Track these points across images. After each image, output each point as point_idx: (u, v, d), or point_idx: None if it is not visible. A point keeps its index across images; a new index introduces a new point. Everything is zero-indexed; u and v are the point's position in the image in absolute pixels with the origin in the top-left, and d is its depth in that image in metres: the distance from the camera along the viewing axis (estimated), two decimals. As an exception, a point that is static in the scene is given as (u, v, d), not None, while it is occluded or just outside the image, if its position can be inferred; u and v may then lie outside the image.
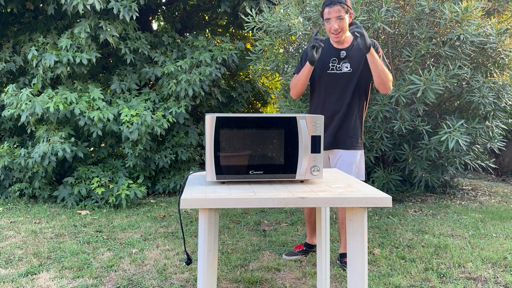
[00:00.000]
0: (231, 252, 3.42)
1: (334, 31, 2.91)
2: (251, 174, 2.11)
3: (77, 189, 4.82)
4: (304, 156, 2.11)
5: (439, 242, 3.61)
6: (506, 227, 4.10)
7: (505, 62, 4.57)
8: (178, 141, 5.60)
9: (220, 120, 2.06)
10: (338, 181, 2.21)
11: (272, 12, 4.89)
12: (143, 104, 5.17)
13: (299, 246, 3.38)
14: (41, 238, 3.77)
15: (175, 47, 5.96)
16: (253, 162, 2.13)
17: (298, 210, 4.69)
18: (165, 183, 5.44)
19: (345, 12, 2.88)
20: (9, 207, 4.85)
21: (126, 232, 3.96)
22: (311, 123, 2.11)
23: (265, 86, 7.55)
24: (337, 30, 2.90)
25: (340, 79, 3.00)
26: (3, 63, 5.34)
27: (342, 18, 2.88)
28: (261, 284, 2.86)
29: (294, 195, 1.85)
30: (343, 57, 2.99)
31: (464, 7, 4.15)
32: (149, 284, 2.85)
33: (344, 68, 2.99)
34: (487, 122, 4.83)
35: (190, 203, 1.82)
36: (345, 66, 2.99)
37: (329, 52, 3.03)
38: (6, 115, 4.89)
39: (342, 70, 3.00)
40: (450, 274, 2.99)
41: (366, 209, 1.90)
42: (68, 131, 4.99)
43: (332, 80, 3.01)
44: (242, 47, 5.95)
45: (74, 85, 5.29)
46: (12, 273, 3.01)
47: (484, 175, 7.06)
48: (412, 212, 4.62)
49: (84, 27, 4.97)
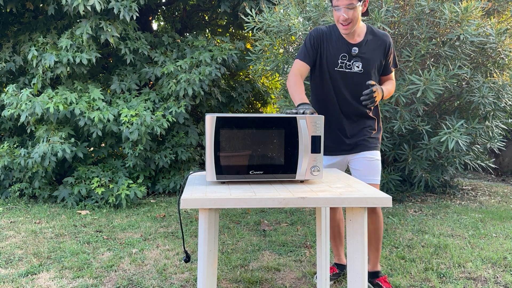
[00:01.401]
0: (231, 252, 3.42)
1: (342, 21, 2.50)
2: (251, 174, 2.11)
3: (77, 189, 4.82)
4: (304, 156, 2.11)
5: (439, 242, 3.61)
6: (506, 227, 4.10)
7: (505, 62, 4.57)
8: (178, 141, 5.60)
9: (220, 120, 2.06)
10: (338, 181, 2.21)
11: (272, 12, 4.89)
12: (143, 104, 5.18)
13: (332, 269, 2.98)
14: (41, 238, 3.77)
15: (175, 47, 5.96)
16: (253, 162, 2.13)
17: (298, 210, 4.69)
18: (165, 183, 5.44)
19: (357, 0, 2.46)
20: (9, 207, 4.85)
21: (126, 232, 3.96)
22: (311, 123, 2.11)
23: (265, 86, 7.55)
24: (346, 21, 2.49)
25: (350, 79, 2.62)
26: (3, 63, 5.34)
27: (353, 7, 2.46)
28: (261, 284, 2.86)
29: (294, 195, 1.85)
30: (354, 54, 2.59)
31: (464, 7, 4.15)
32: (149, 284, 2.85)
33: (354, 67, 2.61)
34: (487, 122, 4.83)
35: (190, 203, 1.82)
36: (356, 65, 2.61)
37: (339, 45, 2.61)
38: (6, 115, 4.89)
39: (352, 69, 2.62)
40: (450, 274, 3.00)
41: (366, 209, 1.90)
42: (68, 131, 4.99)
43: (340, 79, 2.63)
44: (242, 47, 5.95)
45: (74, 85, 5.30)
46: (12, 273, 3.01)
47: (484, 175, 7.06)
48: (412, 212, 4.62)
49: (85, 28, 4.98)
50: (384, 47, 2.64)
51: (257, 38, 5.09)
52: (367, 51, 2.61)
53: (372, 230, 2.74)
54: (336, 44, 2.61)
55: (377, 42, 2.62)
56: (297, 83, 2.57)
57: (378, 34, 2.64)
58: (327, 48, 2.62)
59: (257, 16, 4.90)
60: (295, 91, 2.52)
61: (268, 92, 7.49)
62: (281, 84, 5.34)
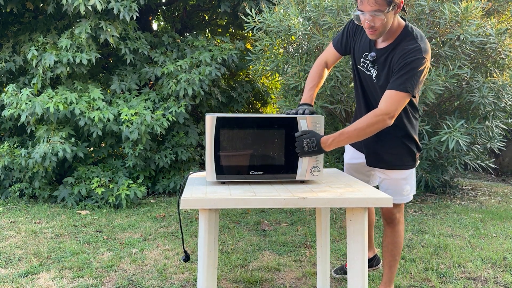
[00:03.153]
0: (231, 252, 3.42)
1: (367, 28, 2.18)
2: (251, 174, 2.11)
3: (77, 189, 4.82)
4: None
5: (439, 242, 3.61)
6: (506, 227, 4.10)
7: (505, 62, 4.57)
8: (178, 141, 5.60)
9: (221, 120, 2.06)
10: (338, 181, 2.21)
11: (272, 12, 4.89)
12: (143, 104, 5.18)
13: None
14: (41, 238, 3.77)
15: (175, 47, 5.96)
16: (254, 163, 2.13)
17: (298, 210, 4.69)
18: (165, 183, 5.44)
19: (386, 4, 2.06)
20: (9, 207, 4.85)
21: (126, 232, 3.96)
22: (311, 123, 2.11)
23: (265, 86, 7.55)
24: (372, 28, 2.15)
25: (369, 82, 2.38)
26: (3, 63, 5.34)
27: (378, 15, 2.09)
28: (261, 284, 2.86)
29: (295, 196, 1.85)
30: (371, 60, 2.32)
31: (464, 7, 4.15)
32: (149, 284, 2.85)
33: (372, 71, 2.35)
34: (487, 122, 4.83)
35: (190, 203, 1.82)
36: (372, 71, 2.34)
37: (365, 44, 2.35)
38: (6, 115, 4.89)
39: (370, 72, 2.36)
40: (450, 274, 3.00)
41: (366, 210, 1.90)
42: (68, 131, 4.99)
43: (363, 78, 2.42)
44: (242, 47, 5.95)
45: (74, 85, 5.29)
46: (12, 273, 3.01)
47: (484, 175, 7.06)
48: (412, 212, 4.62)
49: (85, 27, 4.98)
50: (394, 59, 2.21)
51: (257, 38, 5.09)
52: (385, 62, 2.25)
53: (386, 244, 2.53)
54: (364, 42, 2.35)
55: (399, 54, 2.18)
56: (312, 77, 2.47)
57: (406, 46, 2.18)
58: (358, 41, 2.38)
59: (257, 16, 4.90)
60: (305, 87, 2.47)
61: (268, 92, 7.49)
62: (281, 84, 5.34)
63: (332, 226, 4.13)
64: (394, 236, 2.49)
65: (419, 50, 2.13)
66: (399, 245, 2.51)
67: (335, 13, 4.47)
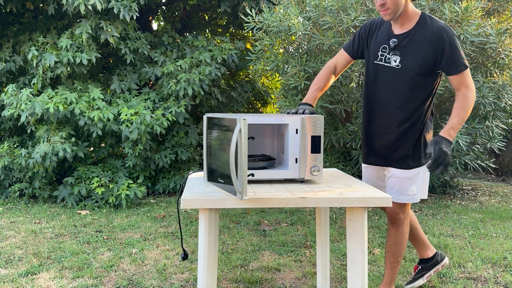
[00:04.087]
0: (231, 252, 3.42)
1: (379, 6, 2.21)
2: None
3: (77, 189, 4.82)
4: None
5: (439, 242, 3.61)
6: (506, 227, 4.10)
7: (505, 62, 4.57)
8: (178, 141, 5.60)
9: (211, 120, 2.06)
10: (338, 181, 2.21)
11: (272, 12, 4.89)
12: (143, 104, 5.18)
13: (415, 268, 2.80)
14: (41, 238, 3.77)
15: (175, 47, 5.96)
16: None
17: (298, 210, 4.69)
18: (165, 183, 5.44)
19: None
20: (9, 207, 4.85)
21: (126, 232, 3.96)
22: (311, 123, 2.11)
23: (265, 86, 7.55)
24: (383, 6, 2.19)
25: (388, 75, 2.33)
26: (3, 63, 5.34)
27: None
28: (261, 284, 2.86)
29: (295, 195, 1.85)
30: (393, 46, 2.29)
31: (464, 7, 4.15)
32: (149, 284, 2.85)
33: (392, 61, 2.29)
34: (487, 122, 4.83)
35: (190, 203, 1.82)
36: (394, 59, 2.29)
37: (383, 36, 2.35)
38: (6, 115, 4.89)
39: (390, 63, 2.31)
40: (450, 274, 3.00)
41: (366, 209, 1.90)
42: (68, 131, 4.99)
43: (377, 74, 2.36)
44: (242, 47, 5.95)
45: (74, 85, 5.30)
46: (12, 273, 3.01)
47: (484, 175, 7.06)
48: (412, 212, 4.62)
49: (85, 27, 4.98)
50: (435, 41, 2.21)
51: (257, 38, 5.09)
52: (409, 44, 2.25)
53: (389, 244, 2.51)
54: (381, 35, 2.36)
55: (425, 34, 2.23)
56: (318, 79, 2.49)
57: (430, 26, 2.23)
58: (374, 38, 2.39)
59: (257, 16, 4.90)
60: (310, 88, 2.49)
61: (268, 92, 7.49)
62: (281, 84, 5.34)
63: (332, 226, 4.13)
64: (397, 236, 2.47)
65: (447, 27, 2.24)
66: (402, 246, 2.48)
67: (335, 13, 4.47)
